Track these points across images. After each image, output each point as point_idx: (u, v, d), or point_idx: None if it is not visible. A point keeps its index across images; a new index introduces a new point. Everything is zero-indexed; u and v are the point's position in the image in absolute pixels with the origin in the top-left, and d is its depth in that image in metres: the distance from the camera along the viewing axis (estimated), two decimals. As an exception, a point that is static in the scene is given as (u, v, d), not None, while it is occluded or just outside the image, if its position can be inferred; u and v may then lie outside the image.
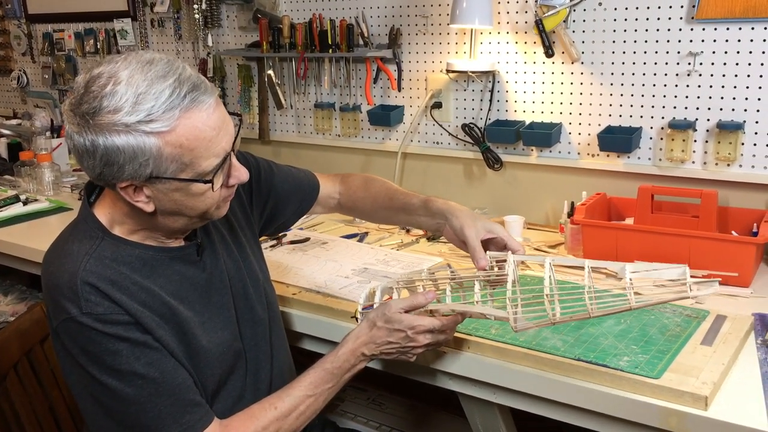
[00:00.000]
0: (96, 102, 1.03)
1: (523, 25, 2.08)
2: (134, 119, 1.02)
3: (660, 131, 1.94)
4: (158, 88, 1.04)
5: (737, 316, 1.42)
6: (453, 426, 1.94)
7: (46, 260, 1.17)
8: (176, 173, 1.07)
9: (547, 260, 1.20)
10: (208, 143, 1.08)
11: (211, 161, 1.09)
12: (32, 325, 1.50)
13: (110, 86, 1.03)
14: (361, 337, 1.28)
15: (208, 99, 1.08)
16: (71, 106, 1.06)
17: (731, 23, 1.78)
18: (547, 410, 1.32)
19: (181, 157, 1.06)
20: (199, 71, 1.65)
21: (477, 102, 2.22)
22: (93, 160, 1.06)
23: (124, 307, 1.10)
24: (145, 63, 1.06)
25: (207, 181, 1.10)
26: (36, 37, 3.47)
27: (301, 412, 1.24)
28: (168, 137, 1.04)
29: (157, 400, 1.12)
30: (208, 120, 1.07)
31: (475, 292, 1.26)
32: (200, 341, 1.20)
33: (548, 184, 2.14)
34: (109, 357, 1.09)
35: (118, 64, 1.06)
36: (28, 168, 2.74)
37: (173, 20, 2.89)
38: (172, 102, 1.04)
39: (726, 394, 1.18)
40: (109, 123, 1.03)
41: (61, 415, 1.52)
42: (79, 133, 1.05)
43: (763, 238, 1.60)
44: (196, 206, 1.14)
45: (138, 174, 1.06)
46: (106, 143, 1.03)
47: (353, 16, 2.37)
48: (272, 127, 2.72)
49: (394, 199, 1.50)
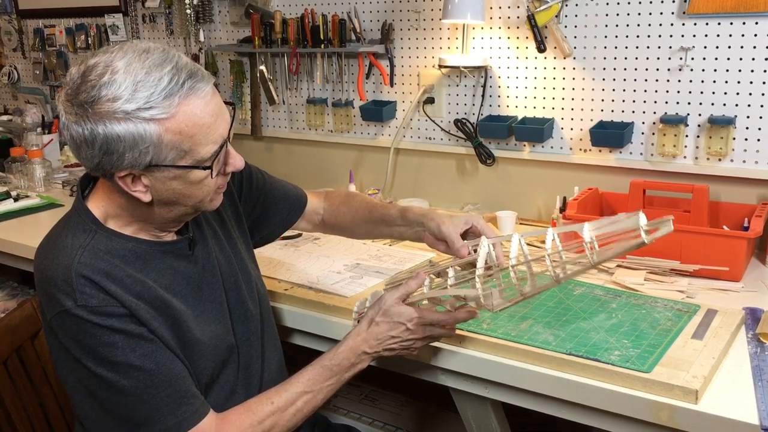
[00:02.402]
0: (94, 91, 1.03)
1: (516, 20, 2.08)
2: (134, 106, 1.03)
3: (652, 126, 1.94)
4: (156, 75, 1.05)
5: (728, 311, 1.42)
6: (445, 421, 1.95)
7: (39, 253, 1.16)
8: (175, 160, 1.08)
9: (515, 236, 1.20)
10: (206, 130, 1.09)
11: (210, 148, 1.10)
12: (23, 322, 1.49)
13: (108, 75, 1.04)
14: (361, 335, 1.27)
15: (206, 86, 1.09)
16: (67, 96, 1.06)
17: (723, 18, 1.78)
18: (538, 405, 1.32)
19: (180, 144, 1.07)
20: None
21: (469, 97, 2.22)
22: (92, 150, 1.06)
23: (119, 299, 1.10)
24: (142, 52, 1.07)
25: (206, 167, 1.11)
26: (27, 32, 3.45)
27: (299, 408, 1.23)
28: (168, 124, 1.05)
29: (153, 391, 1.12)
30: (206, 107, 1.08)
31: (449, 277, 1.26)
32: (194, 333, 1.20)
33: (540, 179, 2.14)
34: (105, 349, 1.09)
35: (113, 54, 1.07)
36: (19, 164, 2.73)
37: (165, 15, 2.88)
38: (171, 89, 1.05)
39: (716, 387, 1.19)
40: (108, 111, 1.03)
41: (52, 411, 1.52)
42: (77, 122, 1.05)
43: (753, 233, 1.60)
44: (194, 194, 1.14)
45: (138, 162, 1.06)
46: (106, 131, 1.04)
47: (345, 11, 2.36)
48: (264, 123, 2.71)
49: (373, 212, 1.52)
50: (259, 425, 1.20)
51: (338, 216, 1.57)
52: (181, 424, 1.14)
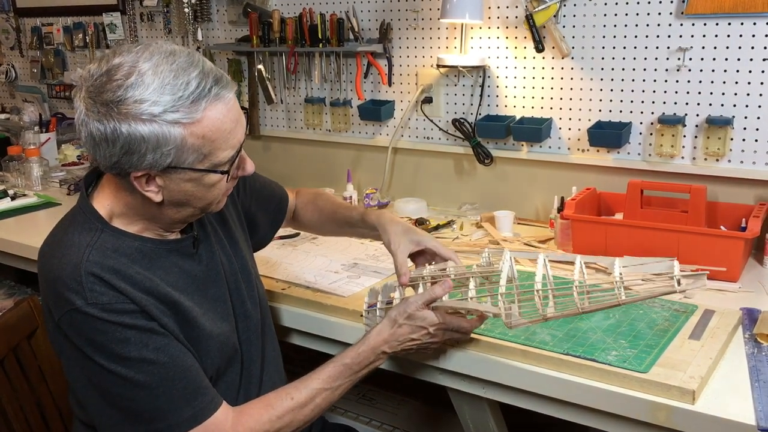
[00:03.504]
0: (121, 91, 1.03)
1: (514, 20, 2.08)
2: (160, 109, 1.04)
3: (649, 126, 1.94)
4: (184, 79, 1.05)
5: (725, 311, 1.42)
6: (443, 421, 1.95)
7: (45, 253, 1.16)
8: (194, 163, 1.09)
9: (541, 256, 1.20)
10: (227, 135, 1.10)
11: (228, 152, 1.11)
12: (19, 321, 1.49)
13: (135, 76, 1.04)
14: (383, 335, 1.28)
15: (229, 93, 1.11)
16: (90, 93, 1.06)
17: (720, 18, 1.78)
18: (536, 405, 1.32)
19: (201, 148, 1.08)
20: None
21: (467, 97, 2.22)
22: (112, 148, 1.06)
23: (129, 295, 1.10)
24: (168, 54, 1.07)
25: (223, 171, 1.12)
26: (24, 31, 3.45)
27: (317, 405, 1.24)
28: (193, 128, 1.06)
29: (169, 384, 1.12)
30: (229, 113, 1.10)
31: (470, 289, 1.26)
32: (203, 329, 1.21)
33: (538, 179, 2.14)
34: (118, 346, 1.09)
35: (139, 54, 1.06)
36: (17, 163, 2.73)
37: (163, 14, 2.87)
38: (199, 94, 1.06)
39: (714, 388, 1.19)
40: (136, 112, 1.03)
41: (48, 410, 1.52)
42: (100, 120, 1.04)
43: (751, 233, 1.60)
44: (205, 197, 1.15)
45: (158, 163, 1.07)
46: (130, 131, 1.04)
47: (344, 10, 2.36)
48: (262, 122, 2.71)
49: (337, 213, 1.56)
50: (278, 420, 1.20)
51: (307, 214, 1.62)
52: (197, 415, 1.14)
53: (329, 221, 1.58)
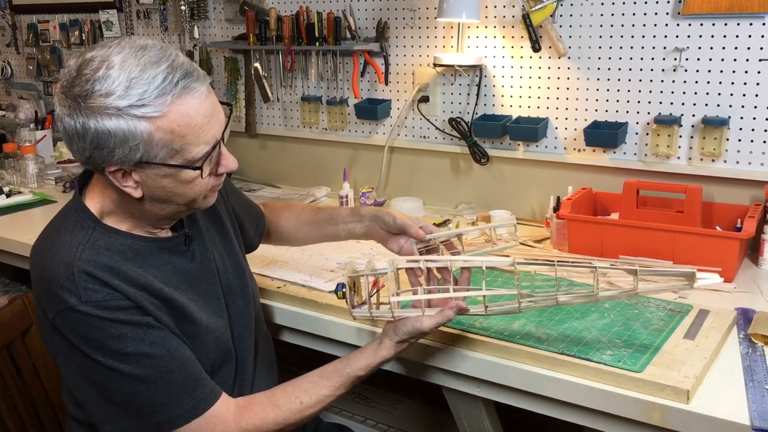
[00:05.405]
0: (88, 85, 1.03)
1: (511, 19, 2.08)
2: (126, 103, 1.03)
3: (646, 126, 1.94)
4: (151, 73, 1.04)
5: (720, 311, 1.42)
6: (438, 420, 1.95)
7: (37, 252, 1.16)
8: (166, 159, 1.08)
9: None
10: (198, 130, 1.08)
11: (201, 148, 1.10)
12: (13, 318, 1.49)
13: (103, 70, 1.03)
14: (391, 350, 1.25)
15: (200, 86, 1.09)
16: (63, 88, 1.06)
17: (717, 19, 1.78)
18: (530, 404, 1.32)
19: (171, 143, 1.07)
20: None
21: (464, 96, 2.22)
22: (83, 143, 1.06)
23: (123, 292, 1.10)
24: (139, 48, 1.06)
25: (196, 167, 1.10)
26: (20, 28, 3.43)
27: (319, 409, 1.25)
28: (159, 122, 1.05)
29: (167, 376, 1.13)
30: (200, 107, 1.08)
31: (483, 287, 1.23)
32: (200, 323, 1.21)
33: (534, 178, 2.15)
34: (114, 342, 1.09)
35: (111, 49, 1.06)
36: (12, 160, 2.72)
37: (159, 12, 2.86)
38: (165, 88, 1.05)
39: (708, 388, 1.19)
40: (100, 106, 1.03)
41: (42, 408, 1.51)
42: (70, 115, 1.05)
43: (746, 234, 1.60)
44: (185, 193, 1.14)
45: (128, 158, 1.06)
46: (98, 126, 1.04)
47: (340, 9, 2.36)
48: (259, 121, 2.71)
49: (319, 213, 1.56)
50: (283, 421, 1.21)
51: (280, 221, 1.61)
52: (198, 405, 1.15)
53: (307, 222, 1.57)
